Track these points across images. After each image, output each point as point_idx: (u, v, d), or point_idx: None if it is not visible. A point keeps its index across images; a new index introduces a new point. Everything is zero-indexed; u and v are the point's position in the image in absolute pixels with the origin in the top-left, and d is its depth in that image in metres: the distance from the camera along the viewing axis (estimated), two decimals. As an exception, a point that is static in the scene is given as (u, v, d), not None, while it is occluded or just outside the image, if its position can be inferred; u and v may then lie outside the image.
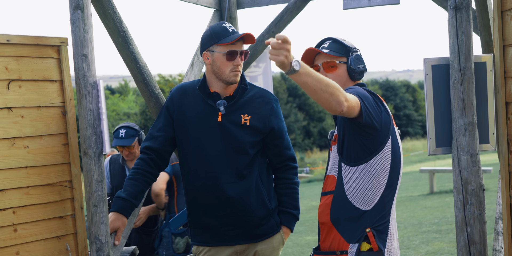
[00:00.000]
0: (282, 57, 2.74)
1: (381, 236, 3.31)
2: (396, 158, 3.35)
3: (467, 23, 3.50)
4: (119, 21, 4.14)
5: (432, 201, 15.59)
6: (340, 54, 3.48)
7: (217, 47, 3.87)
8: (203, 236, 3.98)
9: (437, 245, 9.58)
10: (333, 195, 3.38)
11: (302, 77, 2.84)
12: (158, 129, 4.00)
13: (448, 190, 17.83)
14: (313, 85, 2.86)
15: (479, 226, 3.52)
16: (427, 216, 12.81)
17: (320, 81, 2.88)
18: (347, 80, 3.48)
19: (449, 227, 11.16)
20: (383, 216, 3.34)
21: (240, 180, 3.88)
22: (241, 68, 3.94)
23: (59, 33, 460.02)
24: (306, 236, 11.71)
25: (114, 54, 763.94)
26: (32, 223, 3.83)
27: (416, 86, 64.74)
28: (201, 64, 5.12)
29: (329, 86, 2.90)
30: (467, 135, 3.52)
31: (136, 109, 42.26)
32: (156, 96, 4.45)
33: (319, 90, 2.87)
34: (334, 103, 2.93)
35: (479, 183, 3.52)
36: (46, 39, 3.94)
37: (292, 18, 5.26)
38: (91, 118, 3.91)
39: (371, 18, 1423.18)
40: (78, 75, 3.91)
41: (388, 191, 3.34)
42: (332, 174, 3.42)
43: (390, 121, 3.34)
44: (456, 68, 3.53)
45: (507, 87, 3.29)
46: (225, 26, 3.89)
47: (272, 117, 3.97)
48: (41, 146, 3.89)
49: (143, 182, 3.97)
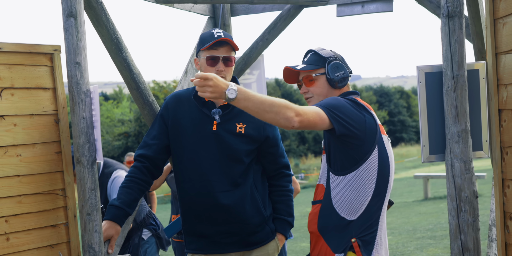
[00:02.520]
0: (208, 93, 2.97)
1: (367, 247, 3.29)
2: (384, 166, 3.32)
3: (460, 31, 3.50)
4: (112, 29, 4.13)
5: (427, 207, 15.60)
6: (317, 66, 3.48)
7: (202, 53, 3.87)
8: (198, 244, 3.96)
9: (432, 251, 9.58)
10: (321, 204, 3.38)
11: (241, 102, 2.98)
12: (152, 137, 3.98)
13: (443, 196, 17.85)
14: (254, 108, 2.99)
15: (473, 233, 3.52)
16: (422, 222, 12.81)
17: (263, 103, 2.99)
18: (329, 89, 3.47)
19: (443, 233, 11.17)
20: (370, 226, 3.32)
21: (235, 188, 3.86)
22: (227, 74, 3.87)
23: (51, 41, 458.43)
24: (301, 243, 11.70)
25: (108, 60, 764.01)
26: (25, 232, 3.81)
27: (410, 92, 64.85)
28: (195, 71, 5.12)
29: (273, 106, 2.98)
30: (461, 142, 3.52)
31: (130, 115, 42.22)
32: (149, 104, 4.44)
33: (262, 111, 2.98)
34: (282, 120, 3.01)
35: (472, 190, 3.52)
36: (39, 47, 3.93)
37: (286, 25, 5.27)
38: (84, 126, 3.89)
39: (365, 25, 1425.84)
40: (71, 83, 3.89)
41: (375, 201, 3.32)
42: (321, 183, 3.43)
43: (376, 130, 3.30)
44: (449, 75, 3.53)
45: (500, 94, 3.29)
46: (213, 32, 3.87)
47: (267, 126, 3.96)
48: (34, 154, 3.88)
49: (137, 190, 3.95)
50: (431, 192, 18.69)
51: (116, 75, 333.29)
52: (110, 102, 47.68)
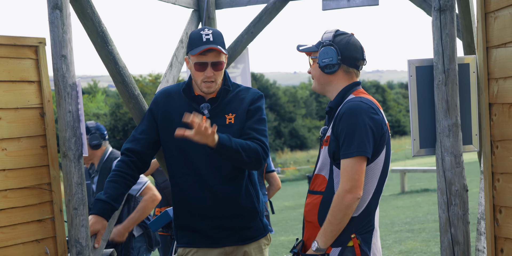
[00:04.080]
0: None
1: (366, 241, 3.31)
2: (387, 165, 3.36)
3: (451, 25, 3.50)
4: (98, 21, 4.08)
5: (404, 201, 15.69)
6: (316, 49, 3.47)
7: (191, 57, 3.82)
8: (191, 238, 3.93)
9: (410, 244, 9.63)
10: (323, 196, 3.37)
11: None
12: (140, 131, 3.95)
13: (419, 190, 17.97)
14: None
15: (463, 227, 3.53)
16: (399, 216, 12.89)
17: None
18: (321, 74, 3.46)
19: (421, 226, 11.24)
20: (369, 221, 3.34)
21: (229, 182, 3.83)
22: (218, 78, 3.83)
23: (36, 33, 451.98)
24: (280, 237, 11.71)
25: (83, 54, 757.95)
26: (11, 227, 3.76)
27: (386, 87, 65.16)
28: (180, 65, 5.09)
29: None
30: (451, 136, 3.52)
31: (105, 109, 41.99)
32: (135, 97, 4.40)
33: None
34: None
35: (462, 184, 3.53)
36: (24, 40, 3.87)
37: (271, 18, 5.24)
38: (71, 119, 3.85)
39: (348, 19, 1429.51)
40: (57, 76, 3.84)
41: (375, 197, 3.34)
42: (322, 175, 3.40)
43: (386, 132, 3.33)
44: (440, 69, 3.53)
45: (491, 88, 3.30)
46: (202, 33, 3.79)
47: (251, 105, 3.90)
48: (19, 148, 3.83)
49: (124, 184, 3.91)
50: (407, 186, 18.80)
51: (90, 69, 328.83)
52: (85, 96, 47.40)
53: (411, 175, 22.57)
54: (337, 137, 3.29)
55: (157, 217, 5.00)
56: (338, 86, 3.44)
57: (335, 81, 3.44)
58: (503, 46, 3.18)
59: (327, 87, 3.48)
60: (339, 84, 3.44)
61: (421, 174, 22.93)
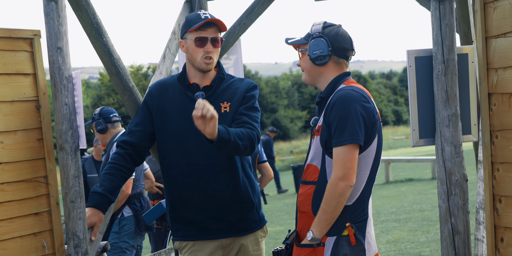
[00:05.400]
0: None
1: (360, 230, 3.33)
2: (379, 153, 3.38)
3: (451, 15, 3.51)
4: (92, 13, 4.06)
5: (388, 191, 15.77)
6: (305, 41, 3.49)
7: (189, 34, 3.83)
8: (186, 231, 3.91)
9: (397, 234, 9.69)
10: (316, 186, 3.38)
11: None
12: (136, 123, 3.93)
13: (404, 180, 18.07)
14: None
15: (463, 216, 3.56)
16: (385, 206, 12.95)
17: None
18: (312, 66, 3.47)
19: (407, 216, 11.30)
20: (363, 210, 3.36)
21: (224, 172, 3.82)
22: (214, 55, 3.86)
23: (30, 25, 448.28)
24: (267, 227, 11.72)
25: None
26: (8, 220, 3.74)
27: (367, 77, 65.29)
28: (173, 57, 5.07)
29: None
30: (451, 126, 3.54)
31: (87, 101, 41.78)
32: (130, 89, 4.38)
33: None
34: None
35: (462, 174, 3.55)
36: (19, 32, 3.84)
37: (264, 9, 5.23)
38: (67, 112, 3.83)
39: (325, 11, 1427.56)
40: (53, 68, 3.82)
41: (368, 186, 3.37)
42: (314, 164, 3.41)
43: (377, 120, 3.35)
44: (439, 59, 3.54)
45: (490, 78, 3.32)
46: (199, 13, 3.84)
47: (246, 93, 3.91)
48: (16, 141, 3.80)
49: (119, 177, 3.89)
50: (392, 175, 18.89)
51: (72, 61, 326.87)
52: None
53: (395, 165, 22.66)
54: (329, 126, 3.31)
55: (151, 209, 4.99)
56: (329, 77, 3.46)
57: (326, 72, 3.46)
58: (503, 36, 3.20)
59: (318, 78, 3.50)
60: (329, 75, 3.46)
61: (405, 163, 23.04)
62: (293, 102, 57.18)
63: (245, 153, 3.77)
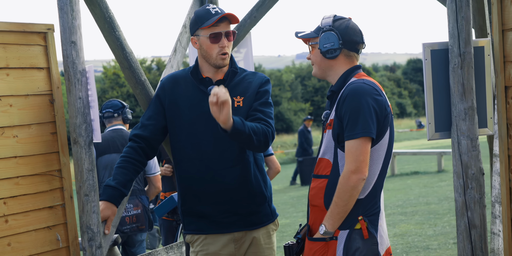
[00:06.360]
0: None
1: (373, 223, 3.34)
2: (391, 146, 3.38)
3: (467, 8, 3.49)
4: (105, 7, 4.06)
5: (394, 184, 15.77)
6: (315, 35, 3.48)
7: (202, 31, 3.83)
8: (198, 224, 3.92)
9: (404, 227, 9.69)
10: (328, 179, 3.38)
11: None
12: (148, 117, 3.94)
13: (409, 172, 18.06)
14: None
15: (480, 210, 3.55)
16: (391, 199, 12.95)
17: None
18: (323, 59, 3.47)
19: (413, 209, 11.30)
20: (375, 203, 3.36)
21: (236, 166, 3.83)
22: (229, 49, 3.87)
23: (43, 19, 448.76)
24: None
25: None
26: (23, 214, 3.76)
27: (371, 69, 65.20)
28: (184, 50, 5.07)
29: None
30: (467, 119, 3.53)
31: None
32: (142, 83, 4.39)
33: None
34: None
35: (479, 168, 3.54)
36: (33, 26, 3.85)
37: (274, 2, 5.21)
38: (81, 106, 3.83)
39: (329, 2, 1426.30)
40: (66, 62, 3.83)
41: (380, 179, 3.37)
42: (326, 158, 3.42)
43: (389, 113, 3.35)
44: (455, 53, 3.53)
45: (507, 71, 3.30)
46: (208, 8, 3.84)
47: (260, 88, 3.91)
48: (30, 135, 3.81)
49: (132, 170, 3.90)
50: (397, 168, 18.89)
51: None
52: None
53: (400, 158, 22.65)
54: (341, 119, 3.32)
55: (162, 202, 5.00)
56: (340, 70, 3.46)
57: (337, 66, 3.46)
58: (520, 29, 3.19)
59: (329, 72, 3.49)
60: (340, 69, 3.46)
61: (410, 156, 23.03)
62: (296, 94, 57.09)
63: (259, 149, 3.77)
